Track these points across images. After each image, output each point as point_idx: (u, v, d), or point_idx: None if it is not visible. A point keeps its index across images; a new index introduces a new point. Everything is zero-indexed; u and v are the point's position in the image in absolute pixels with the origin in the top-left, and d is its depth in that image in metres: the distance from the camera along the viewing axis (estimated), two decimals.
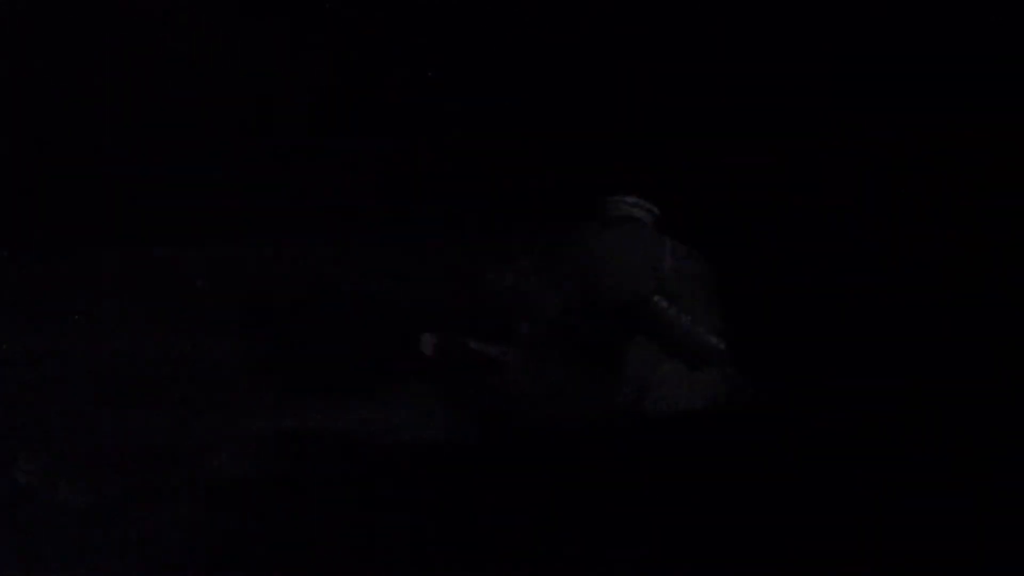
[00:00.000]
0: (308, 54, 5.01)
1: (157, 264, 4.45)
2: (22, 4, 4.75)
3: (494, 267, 3.86)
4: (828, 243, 4.02)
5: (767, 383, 3.20)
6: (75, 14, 4.73)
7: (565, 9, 4.65)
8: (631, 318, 3.28)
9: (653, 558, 2.23)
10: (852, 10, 4.15)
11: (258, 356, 3.76)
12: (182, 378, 3.61)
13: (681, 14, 4.43)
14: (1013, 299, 3.49)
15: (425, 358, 3.59)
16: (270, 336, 3.86)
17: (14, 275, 4.20)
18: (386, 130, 4.79)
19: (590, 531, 2.37)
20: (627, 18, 4.54)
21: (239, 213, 4.58)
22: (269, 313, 4.10)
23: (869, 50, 4.11)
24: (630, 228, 3.57)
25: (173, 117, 4.71)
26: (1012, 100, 3.78)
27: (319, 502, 2.74)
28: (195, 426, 3.22)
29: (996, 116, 3.80)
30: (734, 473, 2.65)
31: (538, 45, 4.66)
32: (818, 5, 4.22)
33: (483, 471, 2.78)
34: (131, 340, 3.87)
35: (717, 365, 3.25)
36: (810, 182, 4.16)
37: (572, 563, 2.24)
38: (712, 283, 3.46)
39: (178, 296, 4.21)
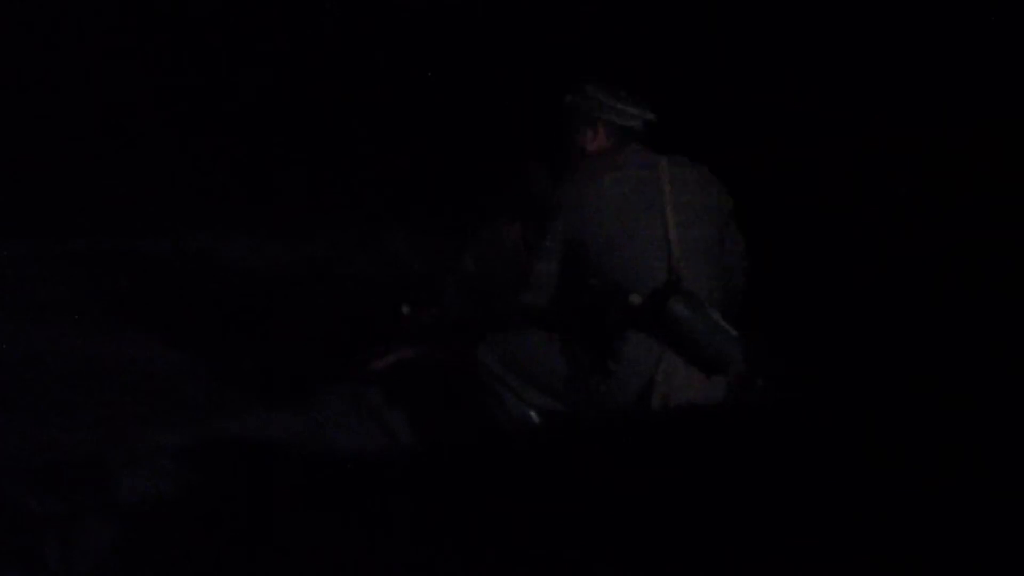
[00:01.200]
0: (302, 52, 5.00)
1: (75, 259, 4.18)
2: None
3: (453, 263, 3.73)
4: (828, 243, 3.97)
5: (770, 383, 3.14)
6: None
7: (563, 9, 4.64)
8: (638, 319, 2.98)
9: (647, 563, 2.20)
10: (852, 10, 4.13)
11: (175, 362, 3.47)
12: (91, 385, 3.23)
13: (681, 14, 4.43)
14: (1013, 299, 3.44)
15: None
16: (189, 340, 3.58)
17: None
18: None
19: (584, 535, 2.33)
20: (626, 18, 4.54)
21: (174, 211, 4.47)
22: (192, 315, 3.82)
23: (869, 50, 4.10)
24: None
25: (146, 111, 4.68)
26: (1012, 100, 3.74)
27: (250, 521, 2.52)
28: (106, 440, 2.85)
29: (996, 116, 3.77)
30: (735, 473, 2.63)
31: (534, 45, 4.66)
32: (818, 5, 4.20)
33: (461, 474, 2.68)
34: (35, 341, 3.50)
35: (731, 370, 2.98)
36: (810, 182, 4.12)
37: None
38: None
39: (95, 294, 3.92)
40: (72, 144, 4.52)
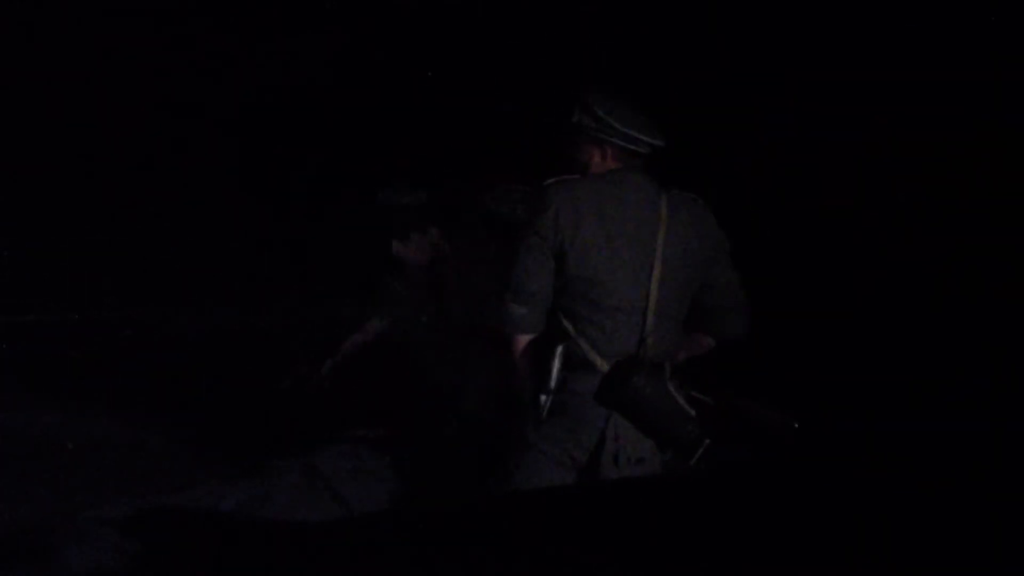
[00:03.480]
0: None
1: (20, 331, 4.12)
2: None
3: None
4: (828, 243, 3.90)
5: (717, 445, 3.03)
6: None
7: (561, 10, 4.57)
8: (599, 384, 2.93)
9: None
10: (853, 11, 4.02)
11: (123, 434, 3.42)
12: (37, 458, 3.20)
13: (680, 16, 4.34)
14: (1015, 305, 3.38)
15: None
16: (138, 412, 3.52)
17: None
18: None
19: None
20: (624, 18, 4.45)
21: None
22: (140, 387, 3.78)
23: (870, 52, 3.99)
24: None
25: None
26: (1014, 103, 3.62)
27: None
28: (52, 513, 2.81)
29: (999, 120, 3.66)
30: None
31: (533, 45, 4.60)
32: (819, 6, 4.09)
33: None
34: None
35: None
36: (811, 187, 4.03)
37: None
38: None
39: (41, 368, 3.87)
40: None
